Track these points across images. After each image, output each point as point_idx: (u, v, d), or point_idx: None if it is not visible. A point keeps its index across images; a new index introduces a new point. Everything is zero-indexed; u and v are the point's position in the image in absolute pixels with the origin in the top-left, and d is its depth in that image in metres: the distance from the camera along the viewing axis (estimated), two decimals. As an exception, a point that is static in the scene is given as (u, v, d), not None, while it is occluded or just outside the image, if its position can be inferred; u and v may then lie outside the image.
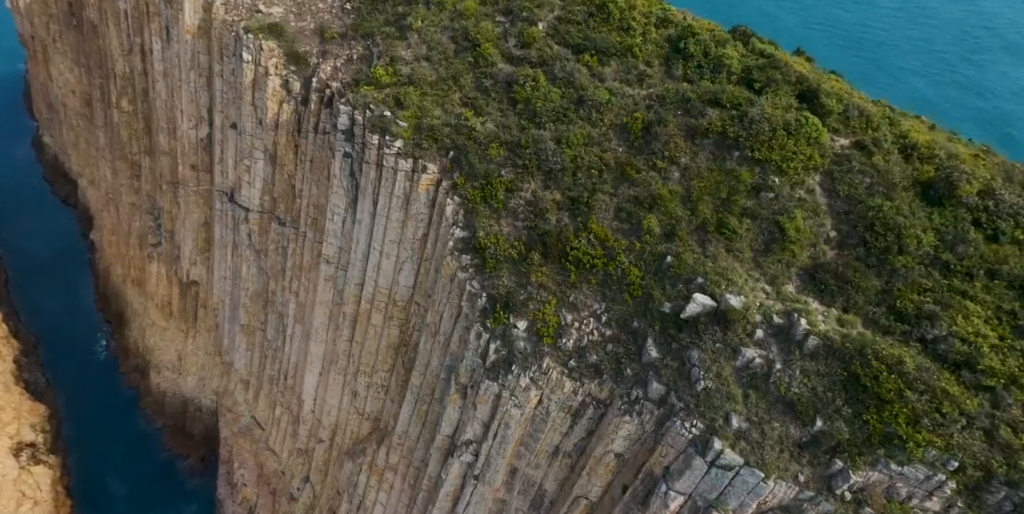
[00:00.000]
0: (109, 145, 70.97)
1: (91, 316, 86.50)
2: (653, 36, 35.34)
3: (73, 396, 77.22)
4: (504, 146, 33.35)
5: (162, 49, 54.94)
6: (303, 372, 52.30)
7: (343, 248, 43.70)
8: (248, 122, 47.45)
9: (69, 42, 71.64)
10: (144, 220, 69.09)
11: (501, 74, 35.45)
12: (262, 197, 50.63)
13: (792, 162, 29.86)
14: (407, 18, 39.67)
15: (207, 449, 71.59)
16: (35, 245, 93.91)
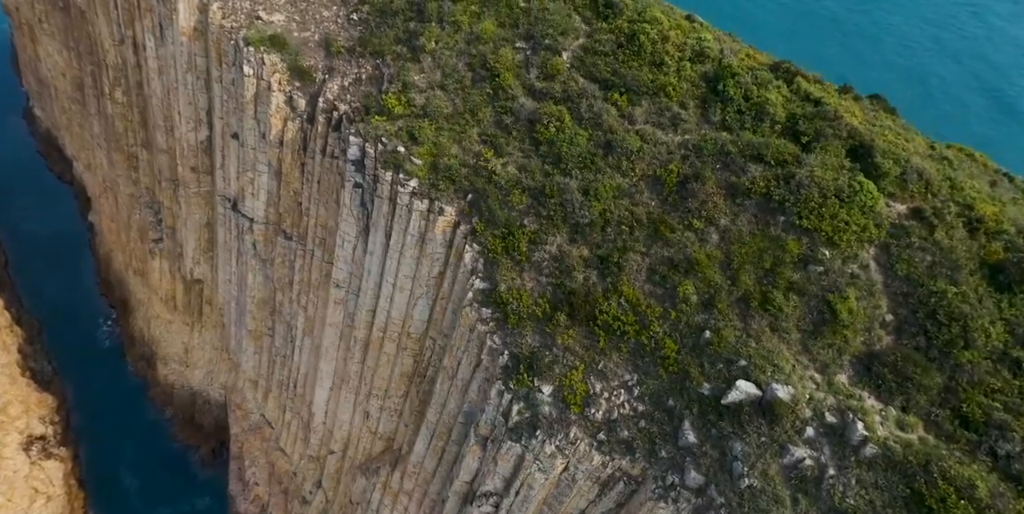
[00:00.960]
0: (104, 134, 68.52)
1: (94, 300, 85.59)
2: (688, 73, 32.86)
3: (80, 385, 76.97)
4: (527, 193, 31.53)
5: (156, 46, 52.18)
6: (313, 384, 51.63)
7: (353, 273, 42.31)
8: (250, 136, 45.28)
9: (57, 24, 68.29)
10: (144, 214, 67.24)
11: (523, 111, 33.23)
12: (267, 209, 48.86)
13: (844, 234, 27.90)
14: (420, 38, 37.07)
15: (218, 441, 71.78)
16: (33, 224, 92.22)
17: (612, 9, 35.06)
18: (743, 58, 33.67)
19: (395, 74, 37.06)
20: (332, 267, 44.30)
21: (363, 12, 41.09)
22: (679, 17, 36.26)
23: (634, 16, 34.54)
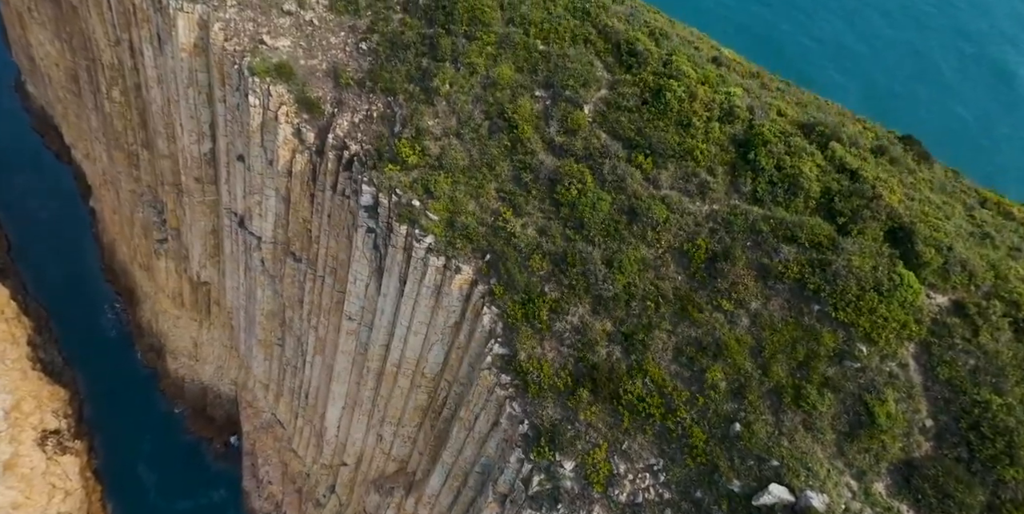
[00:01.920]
0: (102, 129, 66.79)
1: (99, 286, 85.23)
2: (716, 135, 31.48)
3: (91, 376, 77.47)
4: (547, 258, 30.80)
5: (154, 56, 50.24)
6: (325, 399, 51.88)
7: (366, 308, 41.87)
8: (257, 162, 44.07)
9: (47, 14, 65.64)
10: (147, 213, 66.25)
11: (542, 168, 32.11)
12: (275, 230, 48.02)
13: (883, 331, 27.11)
14: (433, 79, 35.52)
15: (230, 434, 72.72)
16: (33, 205, 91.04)
17: (636, 57, 33.44)
18: (774, 118, 32.14)
19: (408, 117, 35.70)
20: (344, 296, 43.82)
21: (372, 42, 39.30)
22: (705, 59, 34.58)
23: (659, 67, 32.92)
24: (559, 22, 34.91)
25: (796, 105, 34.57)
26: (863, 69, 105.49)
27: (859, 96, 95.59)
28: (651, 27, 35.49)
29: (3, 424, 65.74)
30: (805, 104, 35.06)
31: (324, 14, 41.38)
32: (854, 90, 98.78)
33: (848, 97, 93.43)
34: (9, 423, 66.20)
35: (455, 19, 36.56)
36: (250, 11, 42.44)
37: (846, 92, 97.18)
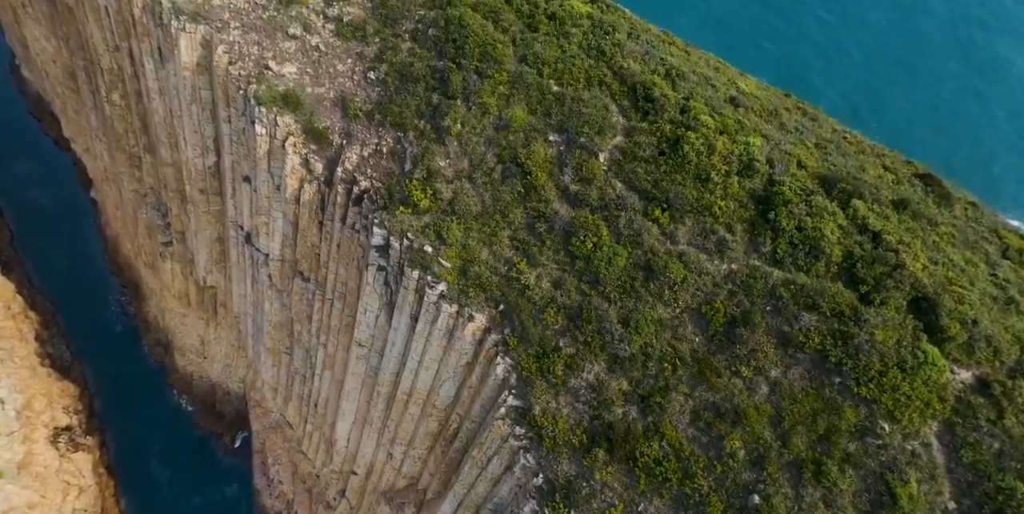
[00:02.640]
0: (102, 128, 65.75)
1: (104, 278, 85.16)
2: (734, 189, 30.91)
3: (99, 370, 78.04)
4: (562, 312, 30.66)
5: (155, 68, 49.17)
6: (335, 411, 52.33)
7: (376, 337, 41.87)
8: (264, 186, 43.51)
9: (42, 11, 63.92)
10: (151, 214, 65.70)
11: (557, 219, 31.69)
12: (282, 250, 47.74)
13: (906, 409, 27.01)
14: (444, 118, 34.78)
15: (239, 429, 73.61)
16: (33, 193, 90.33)
17: (652, 103, 32.65)
18: (793, 173, 31.48)
19: (419, 156, 35.09)
20: (354, 320, 43.80)
21: (381, 71, 38.35)
22: (722, 100, 33.74)
23: (676, 115, 32.16)
24: (573, 62, 33.98)
25: (816, 147, 33.83)
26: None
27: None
28: (667, 65, 34.57)
29: (15, 424, 66.46)
30: (825, 145, 34.31)
31: (331, 39, 40.31)
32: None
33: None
34: (21, 422, 66.92)
35: (466, 53, 35.61)
36: (254, 34, 41.35)
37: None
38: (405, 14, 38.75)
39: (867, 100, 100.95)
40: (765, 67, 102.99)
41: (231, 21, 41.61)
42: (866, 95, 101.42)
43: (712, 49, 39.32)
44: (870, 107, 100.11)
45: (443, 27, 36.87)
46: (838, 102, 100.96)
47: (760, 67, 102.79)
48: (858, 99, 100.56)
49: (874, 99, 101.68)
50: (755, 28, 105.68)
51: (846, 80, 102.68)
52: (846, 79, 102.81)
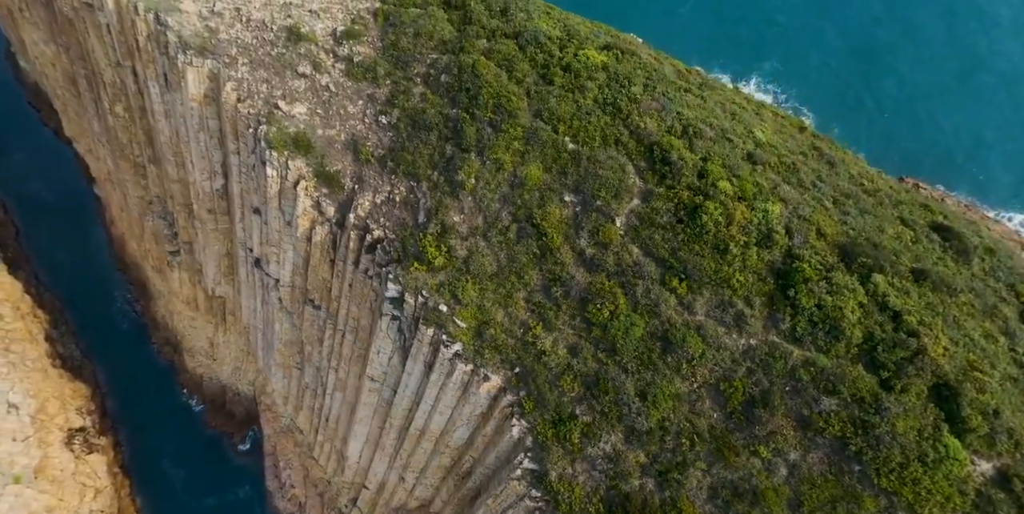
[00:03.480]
0: (105, 136, 65.01)
1: (110, 273, 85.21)
2: (753, 261, 30.70)
3: (110, 369, 78.77)
4: (578, 380, 30.94)
5: (160, 92, 48.44)
6: (347, 431, 53.10)
7: (389, 374, 42.21)
8: (275, 221, 43.36)
9: (40, 16, 62.47)
10: (157, 223, 65.48)
11: (573, 284, 31.68)
12: (292, 278, 47.77)
13: (926, 503, 27.23)
14: (458, 171, 34.46)
15: (250, 428, 74.76)
16: (35, 187, 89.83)
17: (670, 166, 32.27)
18: (813, 244, 31.16)
19: (432, 209, 34.89)
20: (366, 353, 44.09)
21: (393, 116, 37.80)
22: (740, 157, 33.31)
23: (693, 180, 31.81)
24: (589, 119, 33.47)
25: (834, 204, 33.38)
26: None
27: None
28: (684, 120, 34.03)
29: (30, 429, 67.52)
30: (843, 201, 33.83)
31: (340, 79, 39.60)
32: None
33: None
34: (36, 427, 67.98)
35: (479, 104, 35.07)
36: (263, 71, 40.64)
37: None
38: (417, 57, 38.02)
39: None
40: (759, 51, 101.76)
41: (239, 57, 40.83)
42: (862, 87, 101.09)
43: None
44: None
45: (456, 74, 36.22)
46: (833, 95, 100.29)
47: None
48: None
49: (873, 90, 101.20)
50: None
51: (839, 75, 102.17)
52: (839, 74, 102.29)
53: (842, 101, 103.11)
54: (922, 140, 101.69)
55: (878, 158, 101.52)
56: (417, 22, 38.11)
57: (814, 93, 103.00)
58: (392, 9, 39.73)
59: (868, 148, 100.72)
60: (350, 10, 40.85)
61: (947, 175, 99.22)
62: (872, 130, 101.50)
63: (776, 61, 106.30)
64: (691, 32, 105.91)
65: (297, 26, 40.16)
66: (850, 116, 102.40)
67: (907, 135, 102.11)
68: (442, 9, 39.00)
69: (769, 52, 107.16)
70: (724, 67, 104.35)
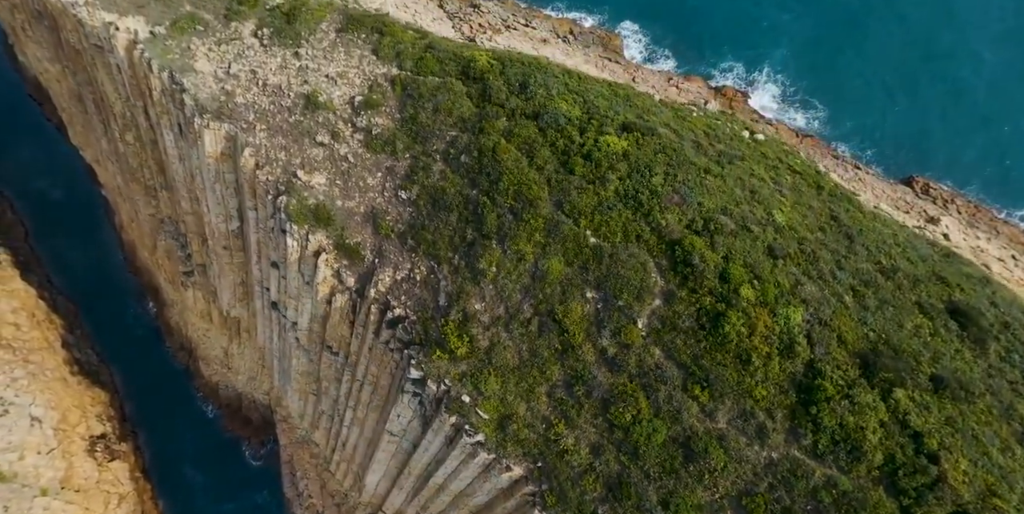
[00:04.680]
0: (115, 155, 64.63)
1: (122, 274, 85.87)
2: (775, 372, 31.26)
3: (126, 372, 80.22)
4: (600, 480, 31.99)
5: (175, 139, 48.17)
6: (364, 463, 54.69)
7: (408, 431, 43.31)
8: (294, 280, 43.84)
9: (44, 37, 61.27)
10: (169, 243, 65.76)
11: (596, 384, 32.43)
12: (311, 324, 48.45)
13: None
14: (480, 258, 34.85)
15: (267, 434, 76.76)
16: (42, 184, 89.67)
17: (691, 268, 32.55)
18: (834, 355, 31.65)
19: (454, 294, 35.40)
20: (385, 405, 45.13)
21: (412, 192, 37.88)
22: (761, 253, 33.54)
23: (715, 283, 32.17)
24: (610, 214, 33.62)
25: (854, 296, 33.66)
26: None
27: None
28: (704, 212, 34.13)
29: (54, 441, 69.46)
30: (863, 293, 34.13)
31: (359, 150, 39.48)
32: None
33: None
34: (59, 438, 69.91)
35: (500, 190, 35.16)
36: (281, 138, 40.47)
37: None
38: (436, 133, 37.85)
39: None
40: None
41: (257, 123, 40.60)
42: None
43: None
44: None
45: (476, 156, 36.18)
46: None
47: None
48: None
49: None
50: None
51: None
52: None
53: (853, 93, 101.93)
54: (933, 135, 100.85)
55: (888, 154, 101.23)
56: (436, 97, 37.78)
57: (824, 85, 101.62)
58: (410, 77, 39.30)
59: (879, 143, 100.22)
60: (367, 75, 40.38)
61: (957, 171, 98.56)
62: (883, 124, 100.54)
63: (786, 48, 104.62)
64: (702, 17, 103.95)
65: (315, 94, 39.78)
66: (861, 109, 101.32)
67: (918, 129, 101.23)
68: (460, 80, 38.59)
69: (780, 39, 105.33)
70: (736, 54, 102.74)
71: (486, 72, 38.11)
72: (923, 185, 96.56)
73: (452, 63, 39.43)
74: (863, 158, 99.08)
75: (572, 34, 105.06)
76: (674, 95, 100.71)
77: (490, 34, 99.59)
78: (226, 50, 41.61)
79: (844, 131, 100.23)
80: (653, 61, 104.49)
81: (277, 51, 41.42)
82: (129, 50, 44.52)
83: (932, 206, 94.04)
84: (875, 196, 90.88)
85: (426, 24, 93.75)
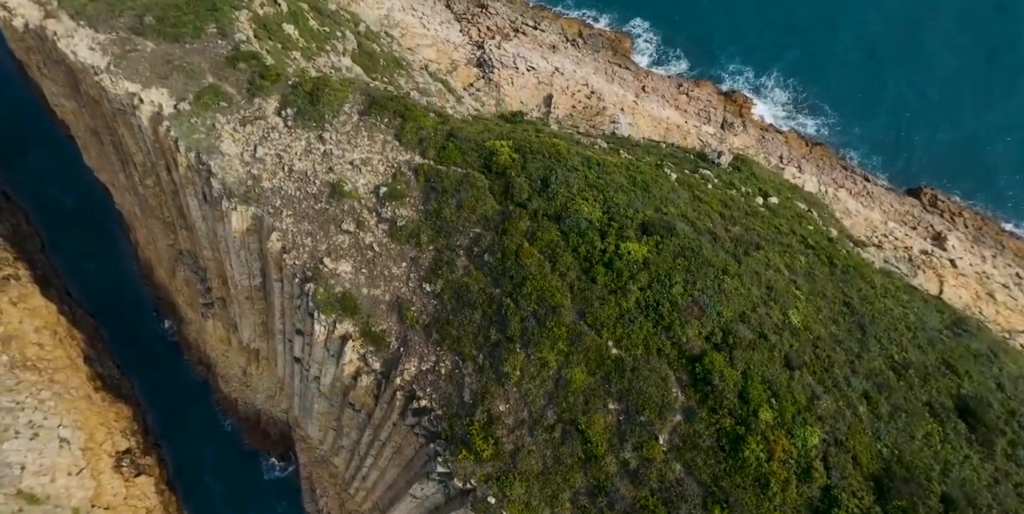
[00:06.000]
0: (133, 191, 65.31)
1: (138, 286, 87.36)
2: (792, 497, 32.84)
3: (147, 384, 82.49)
4: (629, 593, 33.94)
5: (199, 204, 48.95)
6: (386, 505, 57.10)
7: (430, 498, 45.39)
8: (319, 352, 45.17)
9: (60, 78, 61.20)
10: (188, 275, 67.01)
11: (618, 496, 34.15)
12: (334, 383, 50.11)
13: None
14: (504, 361, 36.21)
15: (286, 448, 79.47)
16: (54, 193, 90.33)
17: (711, 387, 33.95)
18: (850, 478, 33.14)
19: (478, 393, 36.94)
20: (406, 467, 47.10)
21: (437, 285, 39.03)
22: (779, 364, 34.93)
23: (735, 403, 33.60)
24: (632, 327, 34.85)
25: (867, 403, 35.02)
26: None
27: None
28: (724, 322, 35.34)
29: (82, 461, 72.07)
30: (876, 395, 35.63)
31: (383, 239, 40.45)
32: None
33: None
34: (87, 457, 72.53)
35: (523, 293, 36.33)
36: (307, 224, 41.38)
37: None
38: (460, 228, 38.78)
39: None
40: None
41: (283, 209, 41.47)
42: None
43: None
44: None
45: (499, 257, 37.21)
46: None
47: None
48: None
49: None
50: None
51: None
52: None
53: (862, 99, 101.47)
54: (943, 142, 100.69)
55: (897, 163, 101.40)
56: (459, 192, 38.57)
57: (834, 90, 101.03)
58: (432, 167, 39.99)
59: (887, 151, 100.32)
60: (391, 162, 41.05)
61: (966, 180, 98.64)
62: (891, 130, 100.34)
63: (797, 50, 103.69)
64: (711, 18, 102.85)
65: (340, 183, 40.53)
66: (870, 115, 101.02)
67: (927, 136, 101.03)
68: (482, 173, 39.30)
69: (790, 41, 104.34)
70: (746, 57, 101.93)
71: (508, 168, 38.81)
72: (931, 196, 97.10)
73: (474, 153, 40.05)
74: (871, 165, 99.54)
75: (581, 36, 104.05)
76: (684, 104, 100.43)
77: (498, 39, 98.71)
78: (251, 131, 42.15)
79: (853, 137, 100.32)
80: (664, 63, 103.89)
81: (301, 133, 41.98)
82: (154, 123, 45.01)
83: (939, 220, 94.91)
84: (883, 212, 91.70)
85: (434, 28, 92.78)
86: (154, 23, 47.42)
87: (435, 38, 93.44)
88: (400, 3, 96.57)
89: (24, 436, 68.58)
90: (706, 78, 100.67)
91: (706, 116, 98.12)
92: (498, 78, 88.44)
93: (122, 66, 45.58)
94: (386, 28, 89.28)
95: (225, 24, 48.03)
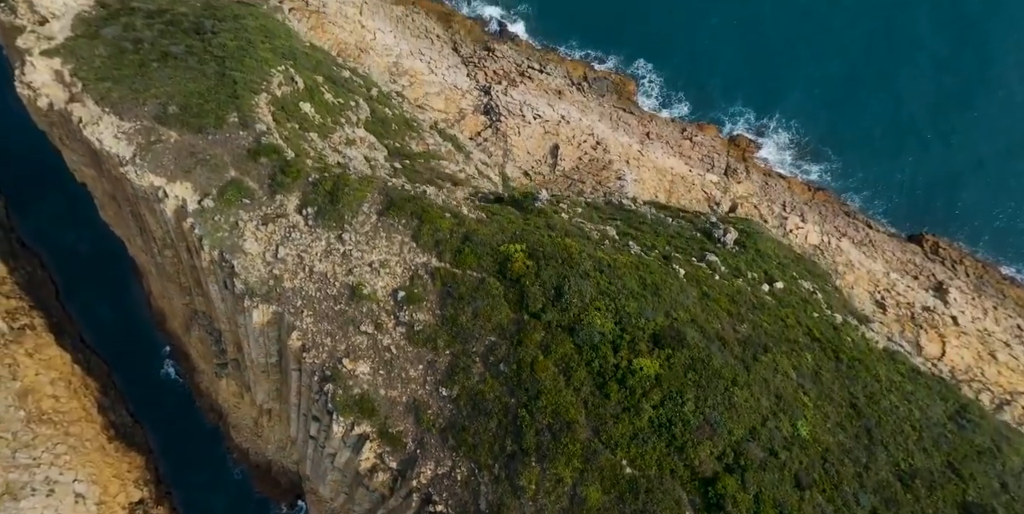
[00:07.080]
0: (148, 253, 66.52)
1: (150, 332, 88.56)
2: None
3: (159, 431, 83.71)
4: None
5: (219, 289, 50.14)
6: (397, 570, 58.35)
7: (446, 581, 46.67)
8: (336, 443, 46.29)
9: (82, 150, 62.44)
10: (203, 334, 68.24)
11: None
12: (348, 466, 51.22)
13: None
14: (519, 474, 37.35)
15: (296, 496, 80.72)
16: (69, 238, 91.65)
17: (722, 511, 35.18)
18: None
19: (494, 505, 38.11)
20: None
21: (453, 391, 40.23)
22: (789, 486, 36.06)
23: None
24: (645, 447, 36.02)
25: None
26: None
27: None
28: (734, 441, 36.48)
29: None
30: (884, 510, 36.86)
31: (401, 342, 41.63)
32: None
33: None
34: (102, 513, 73.80)
35: (538, 406, 37.48)
36: (326, 324, 42.58)
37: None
38: (475, 336, 39.94)
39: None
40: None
41: (304, 309, 42.66)
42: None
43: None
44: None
45: (515, 368, 38.38)
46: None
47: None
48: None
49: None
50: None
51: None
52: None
53: (865, 143, 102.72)
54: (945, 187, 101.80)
55: (899, 207, 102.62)
56: (475, 300, 39.76)
57: (837, 133, 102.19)
58: (448, 271, 41.17)
59: (890, 196, 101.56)
60: (409, 264, 42.23)
61: (968, 225, 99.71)
62: (894, 176, 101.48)
63: (800, 92, 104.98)
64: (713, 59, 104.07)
65: (360, 286, 41.71)
66: (873, 160, 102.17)
67: (930, 182, 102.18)
68: (496, 278, 40.47)
69: (792, 84, 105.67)
70: (747, 100, 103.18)
71: (522, 275, 40.01)
72: (932, 244, 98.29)
73: (488, 257, 41.26)
74: (873, 210, 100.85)
75: (586, 80, 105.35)
76: (688, 150, 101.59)
77: (505, 85, 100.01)
78: (273, 230, 43.34)
79: (855, 183, 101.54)
80: (668, 106, 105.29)
81: (322, 233, 43.18)
82: (178, 216, 46.24)
83: (940, 268, 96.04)
84: (886, 262, 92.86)
85: (442, 72, 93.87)
86: (178, 112, 48.60)
87: (443, 84, 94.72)
88: (408, 48, 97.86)
89: (40, 493, 69.89)
90: (708, 120, 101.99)
91: (710, 162, 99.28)
92: (505, 128, 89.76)
93: (147, 158, 46.79)
94: (395, 76, 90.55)
95: (246, 112, 49.22)
